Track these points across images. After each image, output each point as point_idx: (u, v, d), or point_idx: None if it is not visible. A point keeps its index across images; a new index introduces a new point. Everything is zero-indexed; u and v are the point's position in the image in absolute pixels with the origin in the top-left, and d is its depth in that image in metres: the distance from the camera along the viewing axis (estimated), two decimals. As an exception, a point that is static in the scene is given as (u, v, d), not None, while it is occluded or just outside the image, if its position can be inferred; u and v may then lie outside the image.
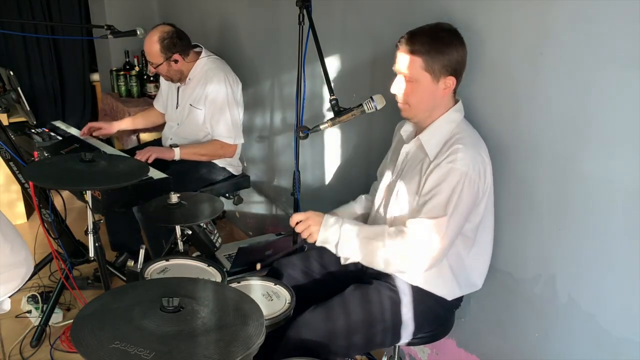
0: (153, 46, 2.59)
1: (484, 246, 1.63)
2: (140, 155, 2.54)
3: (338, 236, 1.57)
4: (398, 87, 1.57)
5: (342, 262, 1.60)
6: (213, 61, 2.72)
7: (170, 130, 2.87)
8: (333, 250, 1.60)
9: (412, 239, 1.49)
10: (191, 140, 2.77)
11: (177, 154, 2.63)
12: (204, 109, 2.68)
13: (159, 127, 3.27)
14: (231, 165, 2.85)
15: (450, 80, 1.54)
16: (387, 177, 1.74)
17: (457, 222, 1.49)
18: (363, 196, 1.92)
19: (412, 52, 1.51)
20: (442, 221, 1.47)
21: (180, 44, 2.62)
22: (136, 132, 3.33)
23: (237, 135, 2.72)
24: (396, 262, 1.53)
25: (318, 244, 1.61)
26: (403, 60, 1.53)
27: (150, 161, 2.52)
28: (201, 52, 2.74)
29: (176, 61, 2.63)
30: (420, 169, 1.58)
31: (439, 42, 1.51)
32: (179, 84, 2.77)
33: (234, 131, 2.69)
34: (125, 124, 3.05)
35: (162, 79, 2.97)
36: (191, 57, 2.69)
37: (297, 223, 1.63)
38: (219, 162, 2.79)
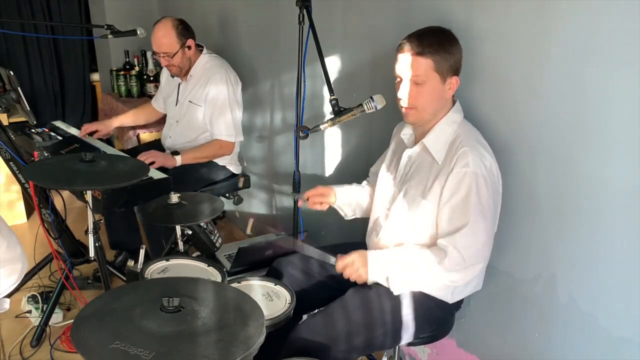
0: (169, 34, 2.60)
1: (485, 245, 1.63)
2: (143, 159, 2.54)
3: (386, 272, 1.56)
4: (404, 92, 1.55)
5: (396, 293, 1.58)
6: (214, 59, 2.74)
7: (169, 129, 2.87)
8: (385, 285, 1.58)
9: (461, 256, 1.49)
10: (189, 138, 2.77)
11: (178, 162, 2.62)
12: (203, 107, 2.68)
13: (158, 127, 3.27)
14: (231, 164, 2.85)
15: (454, 80, 1.54)
16: (388, 182, 1.73)
17: (487, 221, 1.50)
18: (363, 185, 1.93)
19: (422, 53, 1.49)
20: (472, 227, 1.47)
21: (190, 29, 2.68)
22: (135, 129, 3.33)
23: (237, 134, 2.72)
24: (452, 280, 1.54)
25: (370, 282, 1.59)
26: (410, 63, 1.51)
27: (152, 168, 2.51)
28: (203, 49, 2.76)
29: (189, 47, 2.66)
30: (429, 171, 1.58)
31: (447, 43, 1.51)
32: (179, 80, 2.78)
33: (234, 129, 2.70)
34: (120, 120, 3.06)
35: (162, 77, 2.97)
36: (196, 50, 2.72)
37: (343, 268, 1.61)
38: (219, 161, 2.79)
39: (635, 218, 1.31)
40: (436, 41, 1.50)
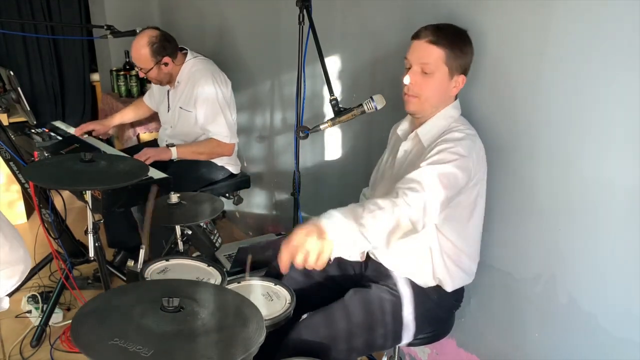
0: (142, 51, 2.58)
1: (474, 232, 1.62)
2: (138, 158, 2.53)
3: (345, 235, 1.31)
4: (411, 78, 1.56)
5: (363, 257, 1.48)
6: (200, 62, 2.71)
7: (164, 133, 2.87)
8: (351, 252, 1.37)
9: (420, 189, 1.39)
10: (186, 142, 2.76)
11: (174, 154, 2.62)
12: (194, 111, 2.67)
13: (158, 125, 3.27)
14: (230, 164, 2.85)
15: (461, 79, 1.55)
16: (387, 176, 1.74)
17: (452, 174, 1.42)
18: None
19: (437, 43, 1.50)
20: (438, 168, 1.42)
21: (169, 46, 2.62)
22: (135, 129, 3.33)
23: (231, 135, 2.72)
24: (417, 214, 1.38)
25: (333, 257, 1.30)
26: (423, 50, 1.52)
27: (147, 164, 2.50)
28: (187, 54, 2.73)
29: (166, 64, 2.63)
30: (420, 159, 1.57)
31: (461, 41, 1.54)
32: (168, 87, 2.77)
33: (229, 131, 2.70)
34: (117, 119, 3.06)
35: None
36: (179, 59, 2.69)
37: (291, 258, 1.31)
38: (218, 161, 2.79)
39: (635, 218, 1.31)
40: (452, 36, 1.52)
